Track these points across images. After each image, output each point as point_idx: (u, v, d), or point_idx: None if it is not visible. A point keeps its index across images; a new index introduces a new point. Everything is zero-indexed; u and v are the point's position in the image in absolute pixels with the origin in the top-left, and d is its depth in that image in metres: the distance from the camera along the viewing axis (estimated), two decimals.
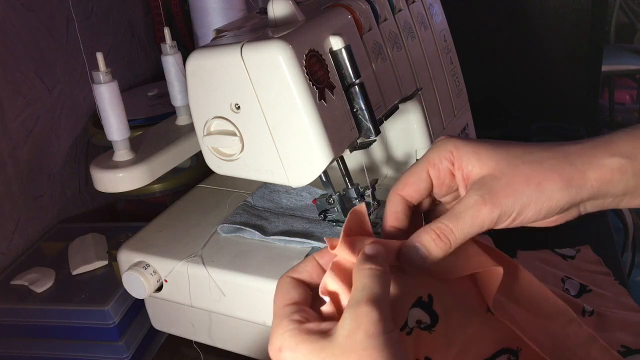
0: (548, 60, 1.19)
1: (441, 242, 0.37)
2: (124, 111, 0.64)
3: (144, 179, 0.65)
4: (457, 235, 0.38)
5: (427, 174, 0.40)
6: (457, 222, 0.37)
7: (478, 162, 0.38)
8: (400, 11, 0.70)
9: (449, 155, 0.39)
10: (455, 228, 0.37)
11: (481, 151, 0.39)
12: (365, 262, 0.35)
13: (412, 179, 0.41)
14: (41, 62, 0.87)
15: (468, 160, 0.39)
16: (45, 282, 0.73)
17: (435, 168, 0.40)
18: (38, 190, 0.87)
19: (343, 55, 0.54)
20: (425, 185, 0.41)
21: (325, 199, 0.64)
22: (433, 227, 0.38)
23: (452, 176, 0.40)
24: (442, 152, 0.40)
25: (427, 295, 0.39)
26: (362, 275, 0.34)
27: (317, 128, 0.51)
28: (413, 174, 0.41)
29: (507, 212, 0.37)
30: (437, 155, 0.40)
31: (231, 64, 0.52)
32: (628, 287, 0.69)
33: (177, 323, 0.70)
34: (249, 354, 0.67)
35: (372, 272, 0.34)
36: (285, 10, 0.56)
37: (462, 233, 0.38)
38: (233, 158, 0.57)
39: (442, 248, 0.38)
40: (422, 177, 0.40)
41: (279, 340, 0.33)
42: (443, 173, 0.40)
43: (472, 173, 0.39)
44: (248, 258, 0.63)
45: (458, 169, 0.39)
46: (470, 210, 0.37)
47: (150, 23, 1.13)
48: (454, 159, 0.39)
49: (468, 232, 0.38)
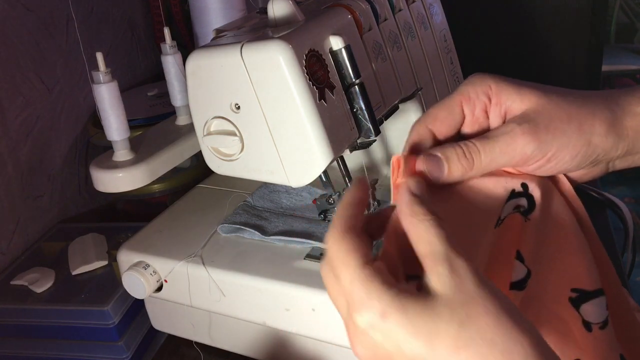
0: (548, 60, 1.19)
1: (464, 160, 0.35)
2: (123, 111, 0.64)
3: (144, 179, 0.65)
4: (484, 158, 0.35)
5: (461, 108, 0.37)
6: (487, 144, 0.35)
7: (519, 96, 0.36)
8: (400, 11, 0.70)
9: (487, 89, 0.36)
10: (483, 150, 0.35)
11: (522, 86, 0.36)
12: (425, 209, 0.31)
13: (443, 112, 0.37)
14: (41, 62, 0.87)
15: (508, 95, 0.36)
16: (45, 282, 0.73)
17: (471, 102, 0.37)
18: (38, 190, 0.87)
19: (343, 55, 0.54)
20: (456, 120, 0.37)
21: (325, 199, 0.64)
22: (460, 143, 0.35)
23: (486, 115, 0.37)
24: (480, 86, 0.37)
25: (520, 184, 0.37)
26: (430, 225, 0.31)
27: (317, 128, 0.51)
28: (445, 106, 0.37)
29: (543, 148, 0.34)
30: (474, 89, 0.37)
31: (231, 64, 0.52)
32: (628, 287, 0.69)
33: (177, 323, 0.70)
34: (249, 354, 0.67)
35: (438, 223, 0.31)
36: (285, 10, 0.56)
37: (490, 157, 0.35)
38: (233, 158, 0.57)
39: (464, 166, 0.35)
40: (455, 111, 0.37)
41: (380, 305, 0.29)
42: (479, 109, 0.37)
43: (512, 108, 0.36)
44: (248, 258, 0.63)
45: (496, 105, 0.37)
46: (504, 137, 0.35)
47: (150, 23, 1.13)
48: (492, 93, 0.36)
49: (496, 159, 0.35)
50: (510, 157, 0.35)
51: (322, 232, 0.64)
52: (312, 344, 0.62)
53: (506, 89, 0.36)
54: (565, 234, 0.37)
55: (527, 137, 0.34)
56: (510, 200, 0.36)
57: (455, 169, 0.35)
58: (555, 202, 0.37)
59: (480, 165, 0.35)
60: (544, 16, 1.15)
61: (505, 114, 0.36)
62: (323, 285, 0.57)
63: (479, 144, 0.35)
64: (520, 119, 0.35)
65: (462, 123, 0.37)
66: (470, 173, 0.35)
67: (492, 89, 0.36)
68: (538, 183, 0.37)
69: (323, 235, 0.63)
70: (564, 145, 0.35)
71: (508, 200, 0.36)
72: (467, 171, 0.35)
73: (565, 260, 0.36)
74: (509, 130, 0.35)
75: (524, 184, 0.36)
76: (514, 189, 0.36)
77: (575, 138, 0.35)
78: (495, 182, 0.36)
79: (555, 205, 0.37)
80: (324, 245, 0.61)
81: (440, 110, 0.37)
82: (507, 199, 0.36)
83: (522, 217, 0.37)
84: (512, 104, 0.36)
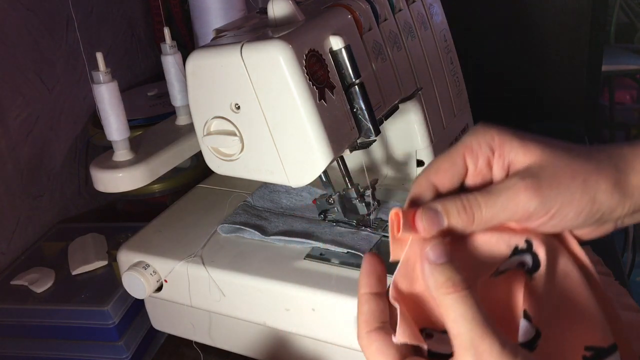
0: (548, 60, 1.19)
1: (464, 214, 0.34)
2: (123, 111, 0.64)
3: (144, 179, 0.65)
4: (485, 213, 0.34)
5: (464, 160, 0.36)
6: (489, 199, 0.34)
7: (523, 149, 0.35)
8: (400, 11, 0.70)
9: (490, 141, 0.35)
10: (485, 204, 0.34)
11: (526, 140, 0.35)
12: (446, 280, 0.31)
13: (446, 164, 0.36)
14: (41, 62, 0.87)
15: (511, 147, 0.35)
16: (45, 282, 0.73)
17: (474, 154, 0.36)
18: (38, 190, 0.87)
19: (343, 55, 0.54)
20: (459, 173, 0.36)
21: (325, 199, 0.64)
22: (461, 196, 0.34)
23: (489, 167, 0.36)
24: (483, 137, 0.36)
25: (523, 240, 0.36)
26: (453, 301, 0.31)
27: (317, 128, 0.51)
28: (448, 158, 0.36)
29: (546, 205, 0.33)
30: (477, 140, 0.36)
31: (231, 64, 0.52)
32: (628, 287, 0.69)
33: (177, 323, 0.70)
34: (249, 354, 0.67)
35: (461, 296, 0.31)
36: (285, 10, 0.56)
37: (491, 213, 0.34)
38: (233, 158, 0.57)
39: (464, 220, 0.34)
40: (458, 163, 0.36)
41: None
42: (482, 160, 0.36)
43: (516, 161, 0.35)
44: (248, 258, 0.63)
45: (499, 157, 0.36)
46: (507, 192, 0.34)
47: (150, 23, 1.13)
48: (495, 145, 0.35)
49: (497, 215, 0.34)
50: (512, 213, 0.34)
51: (322, 232, 0.64)
52: (312, 344, 0.62)
53: (510, 142, 0.35)
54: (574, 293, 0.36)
55: (530, 192, 0.33)
56: (513, 257, 0.35)
57: (455, 223, 0.34)
58: (561, 260, 0.36)
59: (481, 220, 0.34)
60: (544, 16, 1.15)
61: (509, 167, 0.36)
62: (323, 285, 0.57)
63: (481, 198, 0.34)
64: (523, 173, 0.34)
65: (465, 175, 0.37)
66: (470, 228, 0.34)
67: (496, 141, 0.36)
68: (542, 240, 0.36)
69: (323, 235, 0.63)
70: (567, 201, 0.34)
71: (511, 257, 0.35)
72: (468, 226, 0.34)
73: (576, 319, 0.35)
74: (512, 185, 0.34)
75: (528, 241, 0.35)
76: (517, 245, 0.35)
77: (580, 195, 0.34)
78: (498, 237, 0.35)
79: (561, 262, 0.36)
80: (324, 245, 0.61)
81: (443, 162, 0.36)
82: (510, 255, 0.35)
83: (526, 275, 0.36)
84: (516, 157, 0.35)
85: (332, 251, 0.61)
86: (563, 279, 0.36)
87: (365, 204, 0.63)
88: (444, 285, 0.32)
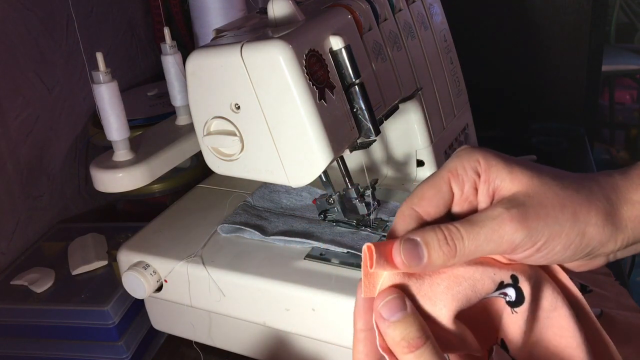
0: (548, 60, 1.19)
1: (446, 247, 0.32)
2: (123, 111, 0.64)
3: (144, 179, 0.65)
4: (467, 245, 0.32)
5: (449, 186, 0.34)
6: (471, 230, 0.32)
7: (509, 176, 0.33)
8: (400, 11, 0.70)
9: (475, 165, 0.34)
10: (467, 236, 0.32)
11: (513, 165, 0.33)
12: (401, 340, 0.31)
13: (430, 191, 0.34)
14: (41, 62, 0.87)
15: (498, 173, 0.33)
16: (45, 282, 0.73)
17: (459, 179, 0.34)
18: (38, 190, 0.87)
19: (343, 55, 0.54)
20: (445, 199, 0.34)
21: (325, 199, 0.64)
22: (442, 227, 0.32)
23: (476, 192, 0.34)
24: (467, 162, 0.34)
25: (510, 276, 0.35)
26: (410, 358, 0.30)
27: (317, 128, 0.51)
28: (432, 185, 0.34)
29: (533, 237, 0.31)
30: (462, 165, 0.34)
31: (231, 64, 0.52)
32: (628, 287, 0.69)
33: (177, 323, 0.70)
34: (249, 354, 0.67)
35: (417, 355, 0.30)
36: (285, 10, 0.56)
37: (474, 244, 0.32)
38: (233, 158, 0.57)
39: (445, 254, 0.32)
40: (443, 189, 0.34)
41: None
42: (468, 186, 0.34)
43: (502, 188, 0.33)
44: (248, 258, 0.63)
45: (484, 182, 0.34)
46: (491, 222, 0.32)
47: (150, 23, 1.13)
48: (481, 170, 0.34)
49: (481, 246, 0.32)
50: (496, 245, 0.32)
51: (322, 232, 0.64)
52: (312, 344, 0.62)
53: (496, 166, 0.33)
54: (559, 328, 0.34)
55: (515, 224, 0.31)
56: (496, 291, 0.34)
57: (436, 256, 0.32)
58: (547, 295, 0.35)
59: (463, 253, 0.32)
60: (544, 16, 1.15)
61: (494, 194, 0.34)
62: (323, 285, 0.57)
63: (463, 229, 0.32)
64: (508, 202, 0.32)
65: (452, 201, 0.35)
66: (452, 261, 0.32)
67: (481, 165, 0.34)
68: (529, 276, 0.34)
69: (323, 235, 0.63)
70: (555, 234, 0.32)
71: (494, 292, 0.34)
72: (449, 259, 0.32)
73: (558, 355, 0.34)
74: (497, 215, 0.32)
75: (514, 276, 0.34)
76: (503, 281, 0.34)
77: (569, 227, 0.32)
78: (482, 272, 0.33)
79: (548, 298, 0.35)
80: (324, 245, 0.61)
81: (427, 189, 0.34)
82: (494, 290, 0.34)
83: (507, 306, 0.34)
84: (502, 183, 0.33)
85: (332, 251, 0.61)
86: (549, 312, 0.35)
87: (365, 204, 0.63)
88: (400, 345, 0.31)
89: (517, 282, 0.34)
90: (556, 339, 0.35)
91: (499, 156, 0.34)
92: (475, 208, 0.35)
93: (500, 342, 0.35)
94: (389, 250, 0.33)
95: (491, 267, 0.34)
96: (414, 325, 0.31)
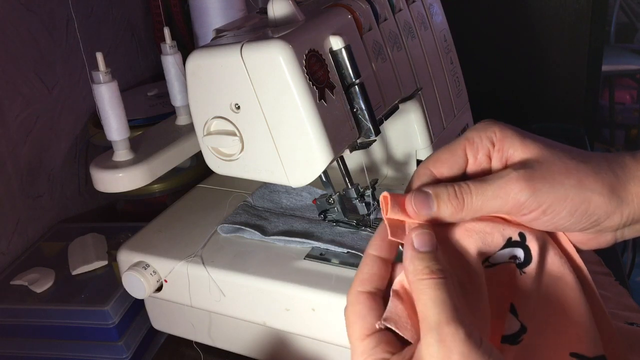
0: (548, 60, 1.19)
1: (455, 200, 0.34)
2: (123, 111, 0.64)
3: (144, 179, 0.65)
4: (475, 200, 0.34)
5: (464, 152, 0.37)
6: (480, 187, 0.34)
7: (522, 145, 0.35)
8: (400, 11, 0.70)
9: (491, 135, 0.36)
10: (475, 191, 0.34)
11: (527, 137, 0.36)
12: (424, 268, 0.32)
13: (446, 154, 0.37)
14: (41, 62, 0.87)
15: (511, 143, 0.36)
16: (45, 282, 0.73)
17: (474, 147, 0.36)
18: (38, 190, 0.87)
19: (343, 55, 0.54)
20: (459, 163, 0.37)
21: (325, 199, 0.64)
22: (453, 184, 0.35)
23: (489, 160, 0.37)
24: (484, 132, 0.36)
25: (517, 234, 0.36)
26: (426, 287, 0.31)
27: (317, 128, 0.51)
28: (448, 150, 0.37)
29: (538, 197, 0.33)
30: (478, 135, 0.36)
31: (231, 64, 0.52)
32: (628, 287, 0.69)
33: (177, 323, 0.70)
34: (249, 354, 0.67)
35: (436, 282, 0.31)
36: (285, 10, 0.56)
37: (481, 200, 0.34)
38: (233, 158, 0.57)
39: (453, 205, 0.34)
40: (458, 154, 0.37)
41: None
42: (482, 153, 0.36)
43: (514, 156, 0.36)
44: (248, 258, 0.63)
45: (498, 151, 0.36)
46: (499, 181, 0.34)
47: (150, 23, 1.13)
48: (496, 139, 0.36)
49: (488, 202, 0.34)
50: (503, 202, 0.34)
51: (322, 232, 0.64)
52: (312, 344, 0.62)
53: (510, 137, 0.36)
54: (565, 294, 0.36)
55: (521, 183, 0.34)
56: (505, 249, 0.35)
57: (445, 208, 0.34)
58: (554, 259, 0.36)
59: (471, 207, 0.34)
60: (544, 16, 1.15)
61: (507, 162, 0.36)
62: (323, 285, 0.57)
63: (472, 185, 0.34)
64: (517, 165, 0.35)
65: (465, 166, 0.37)
66: (460, 214, 0.35)
67: (497, 135, 0.36)
68: (537, 236, 0.36)
69: (323, 235, 0.63)
70: (560, 198, 0.34)
71: (503, 248, 0.35)
72: (457, 212, 0.34)
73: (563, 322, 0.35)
74: (505, 174, 0.34)
75: (522, 234, 0.36)
76: (511, 237, 0.36)
77: (574, 193, 0.34)
78: (492, 227, 0.36)
79: (555, 262, 0.36)
80: (324, 245, 0.61)
81: (443, 153, 0.37)
82: (503, 246, 0.35)
83: (517, 269, 0.36)
84: (514, 152, 0.36)
85: (332, 251, 0.61)
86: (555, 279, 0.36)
87: (365, 204, 0.63)
88: (421, 272, 0.32)
89: (525, 240, 0.36)
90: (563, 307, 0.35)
91: (515, 129, 0.36)
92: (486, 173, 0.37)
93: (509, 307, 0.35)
94: (402, 200, 0.35)
95: (500, 224, 0.36)
96: (439, 262, 0.33)
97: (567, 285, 0.36)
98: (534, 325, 0.35)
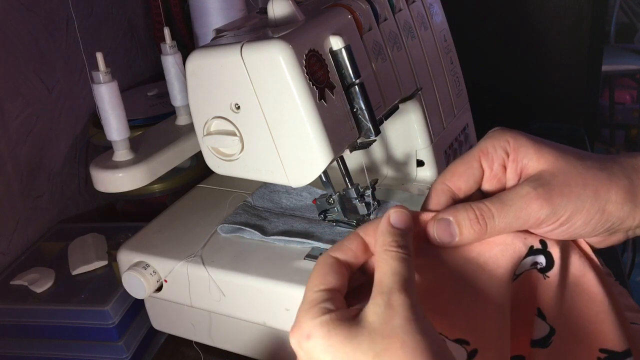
0: (548, 60, 1.19)
1: (477, 225, 0.34)
2: (123, 111, 0.64)
3: (144, 179, 0.65)
4: (497, 222, 0.34)
5: (479, 163, 0.37)
6: (502, 209, 0.34)
7: (536, 155, 0.35)
8: (400, 11, 0.70)
9: (505, 144, 0.36)
10: (497, 214, 0.34)
11: (541, 146, 0.36)
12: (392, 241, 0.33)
13: (461, 167, 0.37)
14: (41, 62, 0.87)
15: (526, 153, 0.36)
16: (45, 282, 0.73)
17: (489, 157, 0.36)
18: (38, 190, 0.87)
19: (343, 55, 0.54)
20: (475, 176, 0.37)
21: (325, 199, 0.64)
22: (473, 206, 0.35)
23: (504, 170, 0.37)
24: (497, 141, 0.36)
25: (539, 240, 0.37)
26: (389, 257, 0.32)
27: (317, 128, 0.51)
28: (463, 162, 0.37)
29: (557, 212, 0.34)
30: (492, 144, 0.36)
31: (231, 64, 0.52)
32: (628, 287, 0.69)
33: (177, 323, 0.70)
34: (249, 354, 0.67)
35: (399, 256, 0.32)
36: (285, 10, 0.56)
37: (503, 222, 0.34)
38: (233, 158, 0.57)
39: (476, 231, 0.34)
40: (474, 166, 0.37)
41: (308, 327, 0.32)
42: (497, 164, 0.36)
43: (529, 167, 0.36)
44: (248, 258, 0.63)
45: (513, 161, 0.36)
46: (519, 200, 0.34)
47: (150, 23, 1.13)
48: (510, 149, 0.36)
49: (509, 224, 0.34)
50: (524, 222, 0.35)
51: (322, 232, 0.64)
52: None
53: (524, 146, 0.36)
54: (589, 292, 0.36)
55: (541, 201, 0.34)
56: (528, 257, 0.36)
57: (468, 234, 0.35)
58: (575, 260, 0.37)
59: (494, 230, 0.35)
60: (544, 16, 1.15)
61: (521, 172, 0.36)
62: None
63: (494, 208, 0.35)
64: (535, 181, 0.35)
65: (482, 178, 0.37)
66: (483, 238, 0.35)
67: (510, 145, 0.36)
68: (557, 241, 0.36)
69: (323, 236, 0.63)
70: (577, 210, 0.34)
71: (526, 256, 0.36)
72: (480, 236, 0.35)
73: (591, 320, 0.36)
74: (525, 193, 0.34)
75: (543, 241, 0.36)
76: (533, 245, 0.36)
77: (590, 204, 0.34)
78: (514, 236, 0.36)
79: (575, 262, 0.37)
80: (324, 245, 0.61)
81: (459, 165, 0.37)
82: (526, 255, 0.36)
83: (540, 274, 0.36)
84: (529, 162, 0.36)
85: None
86: (578, 278, 0.37)
87: (365, 204, 0.63)
88: (389, 244, 0.33)
89: (546, 247, 0.36)
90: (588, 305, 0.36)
91: (529, 137, 0.36)
92: (504, 185, 0.37)
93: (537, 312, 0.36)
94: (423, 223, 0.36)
95: (522, 233, 0.36)
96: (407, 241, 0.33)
97: (590, 282, 0.36)
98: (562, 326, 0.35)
